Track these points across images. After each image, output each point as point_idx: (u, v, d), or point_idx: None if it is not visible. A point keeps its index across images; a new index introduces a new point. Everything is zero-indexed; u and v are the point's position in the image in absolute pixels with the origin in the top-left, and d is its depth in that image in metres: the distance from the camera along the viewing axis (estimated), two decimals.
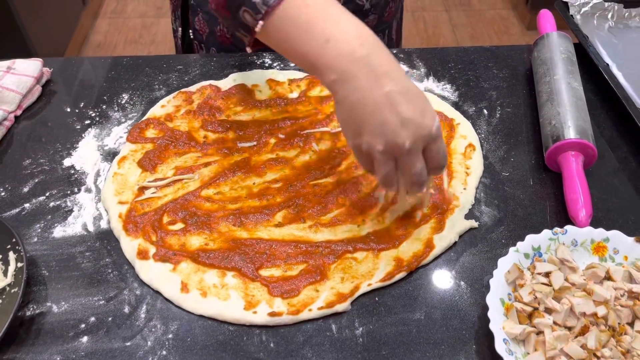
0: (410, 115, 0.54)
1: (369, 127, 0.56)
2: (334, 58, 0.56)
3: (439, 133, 0.57)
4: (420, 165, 0.57)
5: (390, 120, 0.54)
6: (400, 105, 0.54)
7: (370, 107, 0.55)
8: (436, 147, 0.57)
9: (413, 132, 0.55)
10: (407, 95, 0.55)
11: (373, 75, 0.55)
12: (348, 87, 0.55)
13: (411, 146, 0.55)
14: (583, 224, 0.63)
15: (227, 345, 0.56)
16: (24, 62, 0.85)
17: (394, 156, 0.57)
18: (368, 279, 0.61)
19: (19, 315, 0.59)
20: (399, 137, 0.54)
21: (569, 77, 0.76)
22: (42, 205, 0.70)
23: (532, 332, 0.53)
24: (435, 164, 0.59)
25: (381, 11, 0.95)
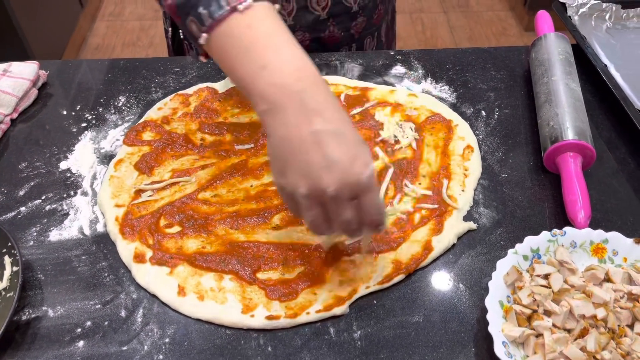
0: (337, 158, 0.49)
1: (293, 166, 0.51)
2: (266, 87, 0.52)
3: (370, 184, 0.51)
4: (350, 214, 0.52)
5: (315, 161, 0.49)
6: (328, 146, 0.49)
7: (296, 144, 0.50)
8: (368, 200, 0.51)
9: (338, 177, 0.49)
10: (338, 137, 0.50)
11: (304, 111, 0.50)
12: (277, 120, 0.51)
13: (336, 193, 0.50)
14: (582, 226, 0.62)
15: (225, 350, 0.56)
16: (20, 65, 0.85)
17: (318, 202, 0.51)
18: (366, 282, 0.60)
19: (15, 319, 0.58)
20: (323, 181, 0.49)
21: (567, 78, 0.76)
22: (38, 208, 0.69)
23: (532, 335, 0.53)
24: (368, 219, 0.53)
25: (370, 13, 0.95)
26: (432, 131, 0.76)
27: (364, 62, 0.89)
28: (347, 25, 0.93)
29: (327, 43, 0.94)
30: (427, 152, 0.74)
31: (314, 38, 0.93)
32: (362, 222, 0.54)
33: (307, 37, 0.92)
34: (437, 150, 0.74)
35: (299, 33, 0.91)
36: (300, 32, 0.91)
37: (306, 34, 0.92)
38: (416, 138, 0.75)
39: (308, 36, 0.92)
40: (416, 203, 0.67)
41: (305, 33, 0.92)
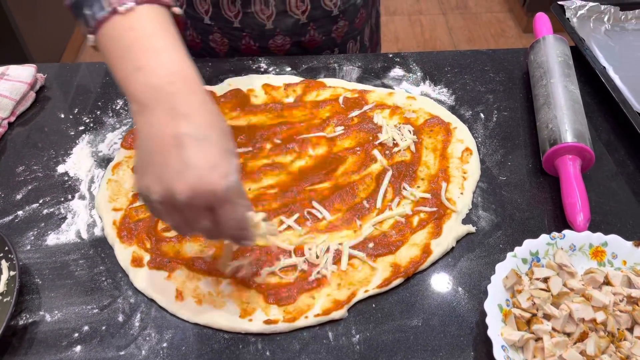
0: (195, 163, 0.47)
1: (150, 168, 0.49)
2: (138, 88, 0.51)
3: (228, 197, 0.48)
4: (206, 224, 0.50)
5: (172, 164, 0.47)
6: (188, 150, 0.47)
7: (158, 146, 0.48)
8: (225, 213, 0.49)
9: (192, 183, 0.47)
10: (201, 143, 0.48)
11: (172, 114, 0.49)
12: (144, 121, 0.50)
13: (187, 200, 0.47)
14: (581, 229, 0.62)
15: (223, 354, 0.56)
16: (18, 68, 0.84)
17: (174, 207, 0.49)
18: (365, 286, 0.60)
19: (12, 324, 0.58)
20: (175, 186, 0.47)
21: (566, 81, 0.76)
22: (35, 212, 0.69)
23: (531, 339, 0.53)
24: (226, 232, 0.51)
25: (351, 17, 0.94)
26: (431, 134, 0.76)
27: (363, 64, 0.89)
28: (328, 29, 0.93)
29: (308, 47, 0.94)
30: (426, 155, 0.74)
31: (295, 42, 0.93)
32: (221, 234, 0.52)
33: (287, 41, 0.92)
34: (436, 153, 0.74)
35: (279, 37, 0.91)
36: (280, 36, 0.91)
37: (286, 37, 0.91)
38: (415, 141, 0.75)
39: (289, 40, 0.92)
40: (415, 206, 0.67)
41: (286, 37, 0.91)
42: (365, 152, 0.74)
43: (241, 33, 0.91)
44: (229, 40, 0.92)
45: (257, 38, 0.91)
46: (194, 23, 0.92)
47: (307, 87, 0.83)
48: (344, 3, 0.91)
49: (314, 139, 0.76)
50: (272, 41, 0.91)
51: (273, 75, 0.87)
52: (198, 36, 0.94)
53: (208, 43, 0.93)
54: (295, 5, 0.87)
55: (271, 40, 0.91)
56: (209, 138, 0.49)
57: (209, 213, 0.50)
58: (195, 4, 0.89)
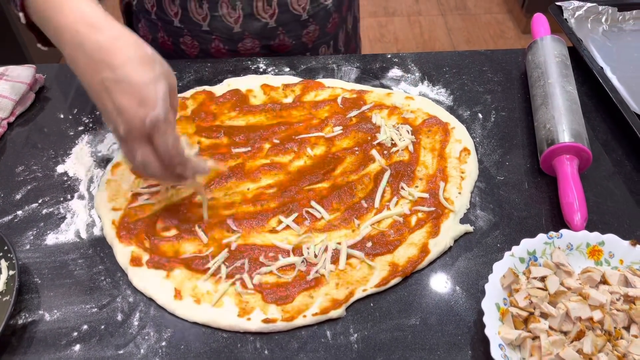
0: (124, 105, 0.55)
1: (101, 110, 0.58)
2: (61, 46, 0.59)
3: (157, 127, 0.56)
4: (141, 156, 0.57)
5: (108, 108, 0.56)
6: (114, 93, 0.55)
7: (93, 93, 0.57)
8: (158, 140, 0.57)
9: (126, 120, 0.55)
10: (122, 84, 0.55)
11: (91, 61, 0.56)
12: (76, 73, 0.58)
13: (126, 135, 0.56)
14: (578, 228, 0.63)
15: (221, 353, 0.56)
16: (17, 69, 0.85)
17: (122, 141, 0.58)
18: (363, 285, 0.60)
19: (11, 323, 0.58)
20: (117, 124, 0.56)
21: (563, 81, 0.76)
22: (34, 212, 0.69)
23: (528, 337, 0.53)
24: (161, 159, 0.58)
25: (322, 22, 0.94)
26: (429, 134, 0.76)
27: (361, 65, 0.89)
28: (298, 34, 0.92)
29: (277, 51, 0.94)
30: (424, 155, 0.74)
31: (264, 45, 0.92)
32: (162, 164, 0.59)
33: (256, 45, 0.92)
34: (434, 153, 0.74)
35: (248, 40, 0.91)
36: (249, 39, 0.91)
37: (255, 41, 0.91)
38: (413, 141, 0.75)
39: (258, 43, 0.92)
40: (413, 206, 0.67)
41: (255, 40, 0.91)
42: (364, 152, 0.74)
43: (210, 36, 0.91)
44: (199, 43, 0.92)
45: (226, 41, 0.91)
46: (165, 25, 0.92)
47: (306, 88, 0.84)
48: (313, 7, 0.91)
49: (312, 139, 0.76)
50: (241, 44, 0.91)
51: (272, 75, 0.87)
52: (169, 38, 0.93)
53: (179, 45, 0.93)
54: (263, 8, 0.87)
55: (240, 43, 0.91)
56: (129, 77, 0.55)
57: (148, 146, 0.57)
58: (165, 6, 0.89)
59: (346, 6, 0.98)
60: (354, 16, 1.04)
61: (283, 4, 0.88)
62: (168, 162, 0.58)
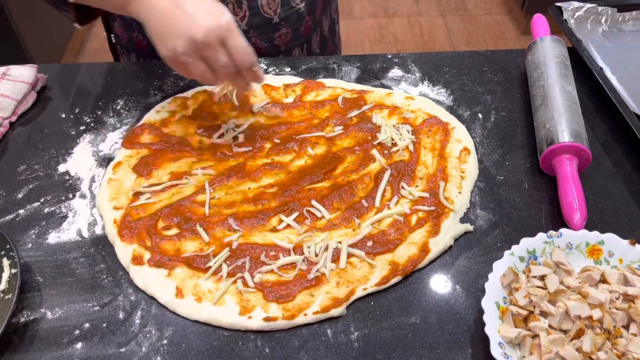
0: (197, 12, 0.62)
1: (167, 32, 0.64)
2: None
3: (230, 27, 0.63)
4: (223, 58, 0.64)
5: (181, 20, 0.63)
6: (187, 6, 0.63)
7: (164, 15, 0.64)
8: (233, 42, 0.64)
9: (202, 25, 0.62)
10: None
11: None
12: (144, 8, 0.66)
13: (204, 39, 0.62)
14: (578, 227, 0.63)
15: (222, 351, 0.56)
16: (19, 68, 0.85)
17: (198, 55, 0.64)
18: (363, 284, 0.60)
19: (13, 321, 0.59)
20: (191, 32, 0.62)
21: (563, 81, 0.77)
22: (36, 211, 0.69)
23: (528, 336, 0.53)
24: (239, 59, 0.65)
25: (295, 25, 0.94)
26: (429, 134, 0.77)
27: (362, 65, 0.90)
28: (270, 37, 0.92)
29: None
30: (424, 155, 0.74)
31: None
32: (236, 66, 0.66)
33: None
34: (434, 152, 0.74)
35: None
36: None
37: None
38: (413, 141, 0.75)
39: None
40: (413, 205, 0.68)
41: None
42: (364, 151, 0.74)
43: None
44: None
45: None
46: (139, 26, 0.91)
47: (307, 88, 0.84)
48: (285, 10, 0.91)
49: (313, 138, 0.76)
50: None
51: (272, 75, 0.87)
52: (144, 39, 0.93)
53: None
54: (233, 11, 0.87)
55: None
56: None
57: (223, 49, 0.64)
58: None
59: (320, 9, 0.98)
60: (330, 19, 1.04)
61: (254, 7, 0.88)
62: (246, 61, 0.65)
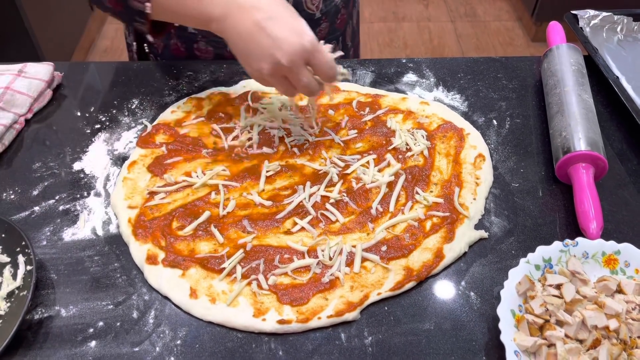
0: (281, 35, 0.63)
1: (252, 54, 0.65)
2: (209, 9, 0.67)
3: (314, 46, 0.64)
4: (306, 78, 0.66)
5: (265, 44, 0.63)
6: (270, 29, 0.63)
7: (247, 36, 0.64)
8: (317, 60, 0.65)
9: (287, 50, 0.63)
10: (276, 20, 0.64)
11: (242, 10, 0.65)
12: (227, 27, 0.66)
13: (289, 63, 0.63)
14: (594, 236, 0.62)
15: (236, 353, 0.56)
16: (36, 66, 0.85)
17: (282, 75, 0.65)
18: (377, 288, 0.60)
19: (28, 318, 0.59)
20: (276, 57, 0.63)
21: (580, 89, 0.76)
22: (51, 208, 0.70)
23: (544, 345, 0.53)
24: (324, 75, 0.67)
25: (332, 19, 0.96)
26: (444, 139, 0.77)
27: (376, 69, 0.90)
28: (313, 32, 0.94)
29: None
30: (439, 160, 0.74)
31: None
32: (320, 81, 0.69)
33: None
34: (449, 158, 0.74)
35: None
36: None
37: None
38: (428, 146, 0.75)
39: None
40: (427, 210, 0.68)
41: None
42: (379, 156, 0.74)
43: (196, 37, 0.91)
44: (214, 48, 0.93)
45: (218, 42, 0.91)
46: (178, 32, 0.92)
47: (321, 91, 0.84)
48: (326, 5, 0.92)
49: (327, 142, 0.76)
50: None
51: None
52: (182, 45, 0.93)
53: (192, 52, 0.94)
54: None
55: None
56: (280, 14, 0.65)
57: (307, 68, 0.66)
58: None
59: (352, 1, 1.01)
60: (357, 11, 1.06)
61: (298, 3, 0.89)
62: (329, 75, 0.68)
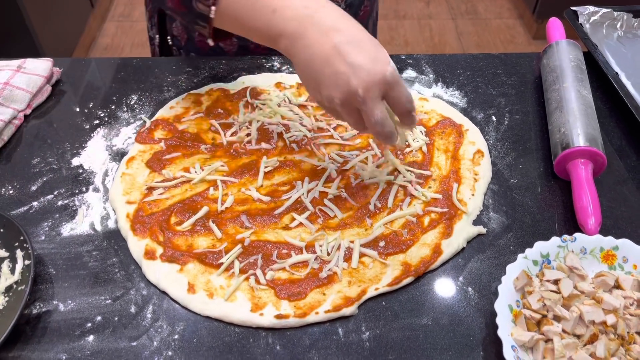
0: (360, 62, 0.55)
1: (324, 80, 0.57)
2: (282, 24, 0.60)
3: (395, 78, 0.57)
4: (380, 113, 0.57)
5: (341, 70, 0.56)
6: (349, 54, 0.56)
7: (322, 60, 0.57)
8: (396, 93, 0.58)
9: (365, 79, 0.55)
10: (356, 45, 0.57)
11: (320, 31, 0.57)
12: (299, 47, 0.59)
13: (365, 94, 0.56)
14: (592, 232, 0.62)
15: (233, 347, 0.56)
16: (35, 62, 0.85)
17: (354, 106, 0.58)
18: (375, 283, 0.60)
19: (26, 313, 0.59)
20: (352, 86, 0.55)
21: (579, 85, 0.76)
22: (50, 203, 0.70)
23: (541, 340, 0.53)
24: (400, 110, 0.60)
25: (356, 10, 0.96)
26: (443, 135, 0.76)
27: None
28: None
29: None
30: (437, 156, 0.74)
31: None
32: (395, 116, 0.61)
33: None
34: (447, 154, 0.74)
35: None
36: None
37: None
38: (426, 142, 0.75)
39: None
40: (426, 206, 0.68)
41: None
42: None
43: None
44: (239, 40, 0.93)
45: None
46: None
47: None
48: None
49: (325, 137, 0.76)
50: None
51: (286, 74, 0.87)
52: (189, 30, 0.93)
53: (217, 43, 0.94)
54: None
55: None
56: (360, 38, 0.58)
57: (383, 102, 0.58)
58: None
59: None
60: (376, 5, 1.06)
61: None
62: (406, 110, 0.60)
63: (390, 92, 0.57)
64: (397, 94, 0.58)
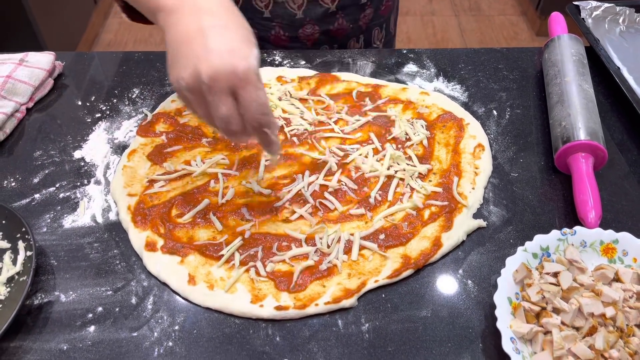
0: (216, 47, 0.51)
1: (179, 60, 0.53)
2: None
3: (248, 77, 0.51)
4: (227, 110, 0.52)
5: (196, 51, 0.51)
6: (209, 38, 0.51)
7: (184, 39, 0.53)
8: (247, 94, 0.52)
9: (215, 66, 0.50)
10: (221, 30, 0.52)
11: (193, 10, 0.54)
12: (170, 22, 0.55)
13: (210, 82, 0.50)
14: (592, 225, 0.62)
15: (233, 338, 0.56)
16: (37, 55, 0.86)
17: (201, 95, 0.52)
18: (375, 276, 0.60)
19: (27, 303, 0.59)
20: (199, 69, 0.51)
21: (580, 79, 0.76)
22: (52, 196, 0.70)
23: (540, 332, 0.53)
24: (249, 117, 0.53)
25: (377, 4, 0.97)
26: (444, 129, 0.76)
27: (377, 59, 0.89)
28: (356, 17, 0.94)
29: (335, 35, 0.95)
30: (438, 150, 0.74)
31: (323, 30, 0.94)
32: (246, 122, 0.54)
33: (316, 30, 0.93)
34: (448, 148, 0.74)
35: (309, 26, 0.92)
36: (309, 25, 0.92)
37: (315, 26, 0.93)
38: (427, 136, 0.75)
39: (317, 29, 0.93)
40: (426, 199, 0.68)
41: (315, 26, 0.93)
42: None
43: (271, 23, 0.92)
44: (258, 31, 0.94)
45: (287, 28, 0.92)
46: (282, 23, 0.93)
47: (321, 81, 0.84)
48: None
49: (326, 131, 0.76)
50: (302, 30, 0.93)
51: (287, 68, 0.87)
52: (285, 33, 0.94)
53: (297, 36, 0.94)
54: None
55: (301, 29, 0.93)
56: (229, 26, 0.53)
57: (231, 99, 0.52)
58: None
59: None
60: (397, 3, 1.07)
61: None
62: (256, 120, 0.53)
63: (240, 91, 0.52)
64: (248, 96, 0.52)
